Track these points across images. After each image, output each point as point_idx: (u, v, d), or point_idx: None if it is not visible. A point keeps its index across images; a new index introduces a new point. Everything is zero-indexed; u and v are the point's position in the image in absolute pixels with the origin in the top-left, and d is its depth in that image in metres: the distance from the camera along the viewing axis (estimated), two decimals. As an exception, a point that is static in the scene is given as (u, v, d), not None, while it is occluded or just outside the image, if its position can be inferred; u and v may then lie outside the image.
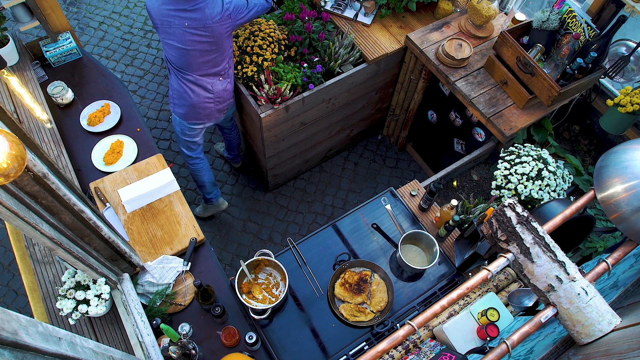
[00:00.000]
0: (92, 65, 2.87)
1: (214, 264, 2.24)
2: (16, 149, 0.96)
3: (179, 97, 2.56)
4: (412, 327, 1.06)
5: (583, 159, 2.86)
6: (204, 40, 2.29)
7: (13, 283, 3.13)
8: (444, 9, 3.00)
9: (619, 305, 1.11)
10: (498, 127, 2.53)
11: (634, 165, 1.12)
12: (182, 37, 2.28)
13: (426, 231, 2.31)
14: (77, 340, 1.01)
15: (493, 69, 2.68)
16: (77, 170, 2.47)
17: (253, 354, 2.00)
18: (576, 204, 1.22)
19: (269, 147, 2.95)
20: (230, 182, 3.59)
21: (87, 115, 2.63)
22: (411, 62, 3.01)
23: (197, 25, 2.24)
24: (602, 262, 1.13)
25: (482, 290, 2.08)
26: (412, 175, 3.71)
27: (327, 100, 2.89)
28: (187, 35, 2.27)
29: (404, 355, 1.87)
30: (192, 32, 2.26)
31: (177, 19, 2.22)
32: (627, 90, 2.37)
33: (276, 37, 2.64)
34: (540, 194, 2.33)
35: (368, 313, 2.11)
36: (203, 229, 3.02)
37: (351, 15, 2.98)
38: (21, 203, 1.24)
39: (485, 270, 1.10)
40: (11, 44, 2.61)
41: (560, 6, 2.51)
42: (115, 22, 4.39)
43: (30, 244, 2.18)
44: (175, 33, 2.27)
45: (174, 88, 2.56)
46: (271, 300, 2.09)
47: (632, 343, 0.85)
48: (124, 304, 1.93)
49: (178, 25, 2.24)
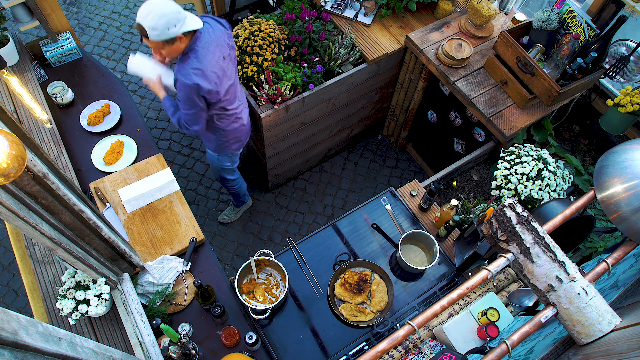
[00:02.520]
0: (92, 65, 2.87)
1: (214, 264, 2.24)
2: (16, 149, 0.96)
3: (234, 137, 2.46)
4: (412, 327, 1.06)
5: (583, 159, 2.86)
6: (234, 57, 2.23)
7: (13, 283, 3.13)
8: (444, 9, 3.00)
9: (619, 305, 1.11)
10: (498, 127, 2.53)
11: (634, 165, 1.12)
12: (231, 72, 2.21)
13: (426, 231, 2.31)
14: (77, 340, 1.01)
15: (493, 69, 2.68)
16: (77, 170, 2.47)
17: (253, 354, 2.00)
18: (576, 204, 1.22)
19: (269, 147, 2.95)
20: (230, 182, 3.59)
21: (87, 115, 2.63)
22: (411, 62, 3.01)
23: (230, 51, 2.18)
24: (602, 262, 1.13)
25: (482, 290, 2.08)
26: (412, 175, 3.71)
27: (327, 100, 2.89)
28: (230, 66, 2.20)
29: (404, 355, 1.87)
30: (232, 61, 2.21)
31: (226, 62, 2.14)
32: (627, 90, 2.37)
33: (276, 37, 2.64)
34: (540, 194, 2.33)
35: (368, 313, 2.11)
36: (203, 229, 3.02)
37: (351, 15, 2.98)
38: (21, 203, 1.24)
39: (485, 270, 1.10)
40: (11, 44, 2.61)
41: (560, 6, 2.51)
42: (115, 22, 4.39)
43: (30, 244, 2.18)
44: (230, 76, 2.20)
45: (225, 134, 2.43)
46: (271, 300, 2.09)
47: (632, 343, 0.85)
48: (124, 304, 1.93)
49: (228, 66, 2.16)
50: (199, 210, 3.45)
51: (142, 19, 1.86)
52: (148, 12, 1.84)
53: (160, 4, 1.85)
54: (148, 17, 1.84)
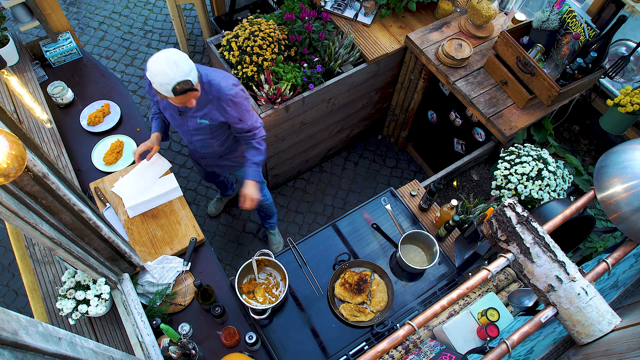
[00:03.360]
0: (92, 65, 2.87)
1: (214, 264, 2.24)
2: (16, 149, 0.96)
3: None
4: (412, 327, 1.06)
5: (583, 159, 2.86)
6: None
7: (13, 283, 3.13)
8: (444, 9, 3.00)
9: (619, 305, 1.11)
10: (498, 127, 2.53)
11: (634, 165, 1.12)
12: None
13: (426, 231, 2.31)
14: (77, 340, 1.01)
15: (493, 69, 2.68)
16: (77, 170, 2.47)
17: (253, 354, 2.00)
18: (576, 204, 1.22)
19: (269, 147, 2.95)
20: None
21: (87, 115, 2.63)
22: (411, 62, 3.01)
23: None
24: (602, 262, 1.13)
25: (482, 290, 2.08)
26: (412, 175, 3.71)
27: (327, 100, 2.89)
28: None
29: (404, 355, 1.87)
30: None
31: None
32: (627, 90, 2.37)
33: (276, 37, 2.64)
34: (540, 194, 2.33)
35: (368, 313, 2.11)
36: (203, 229, 3.02)
37: (351, 15, 2.98)
38: (21, 203, 1.24)
39: (485, 270, 1.10)
40: (11, 44, 2.61)
41: (560, 6, 2.51)
42: (115, 22, 4.39)
43: (30, 244, 2.18)
44: None
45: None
46: (271, 300, 2.09)
47: (632, 343, 0.85)
48: (124, 304, 1.93)
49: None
50: (199, 210, 3.45)
51: (178, 73, 1.74)
52: (174, 63, 1.74)
53: (172, 52, 1.77)
54: (179, 66, 1.74)
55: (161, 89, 1.79)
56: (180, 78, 1.75)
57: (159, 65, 1.74)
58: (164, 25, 4.39)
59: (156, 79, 1.76)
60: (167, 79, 1.74)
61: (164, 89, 1.78)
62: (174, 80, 1.75)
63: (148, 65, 1.78)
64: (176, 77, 1.74)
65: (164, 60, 1.74)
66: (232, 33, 2.65)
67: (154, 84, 1.79)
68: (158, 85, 1.78)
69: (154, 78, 1.76)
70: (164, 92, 1.80)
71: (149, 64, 1.77)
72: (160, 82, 1.75)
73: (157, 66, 1.75)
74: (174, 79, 1.74)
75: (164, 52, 1.77)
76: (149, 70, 1.78)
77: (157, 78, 1.75)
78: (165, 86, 1.76)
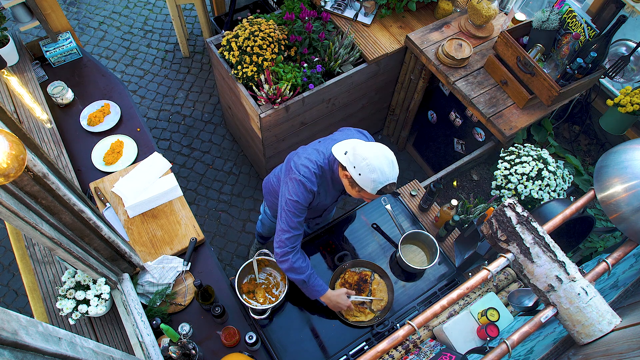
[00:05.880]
0: (92, 65, 2.87)
1: (214, 264, 2.24)
2: (16, 149, 0.96)
3: None
4: (412, 327, 1.06)
5: (583, 159, 2.86)
6: None
7: (13, 283, 3.13)
8: (444, 9, 3.00)
9: (619, 305, 1.11)
10: (498, 127, 2.53)
11: (634, 165, 1.12)
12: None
13: (426, 231, 2.31)
14: (77, 340, 1.01)
15: (493, 69, 2.68)
16: (77, 170, 2.47)
17: (253, 354, 2.00)
18: (576, 204, 1.22)
19: (269, 147, 2.95)
20: (230, 182, 3.59)
21: (87, 115, 2.63)
22: (411, 62, 3.01)
23: None
24: (602, 262, 1.13)
25: (482, 290, 2.08)
26: (412, 175, 3.71)
27: (327, 100, 2.89)
28: None
29: (404, 355, 1.87)
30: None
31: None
32: (627, 90, 2.37)
33: (276, 37, 2.63)
34: (540, 194, 2.33)
35: (368, 313, 2.11)
36: (203, 229, 3.02)
37: (351, 15, 2.98)
38: (21, 203, 1.24)
39: (485, 270, 1.10)
40: (11, 44, 2.61)
41: (560, 6, 2.51)
42: (115, 22, 4.39)
43: (30, 244, 2.18)
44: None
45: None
46: (271, 300, 2.09)
47: (632, 343, 0.85)
48: (124, 304, 1.93)
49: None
50: (199, 210, 3.45)
51: (393, 175, 1.69)
52: (392, 164, 1.68)
53: (390, 152, 1.71)
54: (395, 168, 1.69)
55: (368, 184, 1.68)
56: (393, 180, 1.69)
57: (379, 161, 1.66)
58: (164, 25, 4.39)
59: (372, 175, 1.65)
60: (383, 177, 1.66)
61: (372, 185, 1.68)
62: (388, 180, 1.67)
63: (366, 158, 1.66)
64: (390, 178, 1.68)
65: (384, 159, 1.67)
66: (232, 33, 2.65)
67: (363, 177, 1.68)
68: (369, 181, 1.67)
69: (370, 174, 1.65)
70: (369, 189, 1.69)
71: (369, 158, 1.66)
72: (374, 178, 1.65)
73: (376, 162, 1.65)
74: (388, 179, 1.67)
75: (384, 150, 1.70)
76: (368, 164, 1.65)
77: (373, 174, 1.65)
78: (376, 183, 1.67)
